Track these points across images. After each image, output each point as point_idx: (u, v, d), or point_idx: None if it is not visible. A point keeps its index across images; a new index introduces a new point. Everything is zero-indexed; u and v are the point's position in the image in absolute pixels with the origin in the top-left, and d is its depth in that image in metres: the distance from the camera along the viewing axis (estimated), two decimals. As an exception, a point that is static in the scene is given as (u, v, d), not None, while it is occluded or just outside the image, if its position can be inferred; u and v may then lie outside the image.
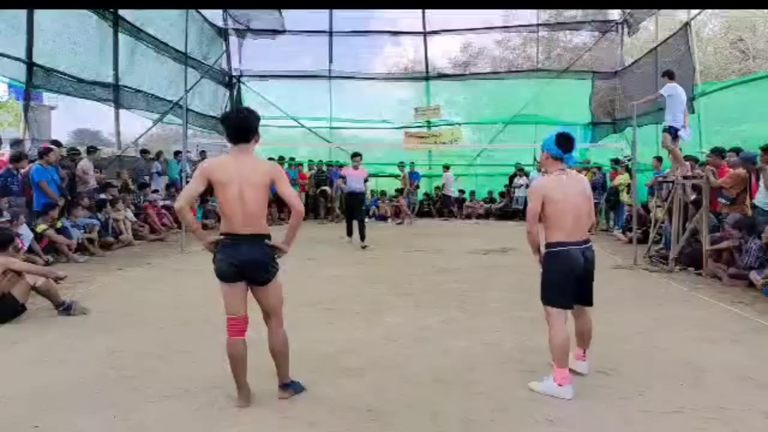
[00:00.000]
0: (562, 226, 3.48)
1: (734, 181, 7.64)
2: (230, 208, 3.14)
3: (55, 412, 3.19)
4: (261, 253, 3.19)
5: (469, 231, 13.39)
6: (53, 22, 10.43)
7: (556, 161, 3.58)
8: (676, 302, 6.01)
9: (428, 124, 18.21)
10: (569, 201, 3.49)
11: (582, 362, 3.79)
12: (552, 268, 3.55)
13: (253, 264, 3.17)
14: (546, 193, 3.49)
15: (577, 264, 3.50)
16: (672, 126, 8.05)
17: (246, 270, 3.17)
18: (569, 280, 3.50)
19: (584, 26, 18.51)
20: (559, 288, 3.53)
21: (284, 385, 3.42)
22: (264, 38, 18.14)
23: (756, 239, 6.73)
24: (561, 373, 3.47)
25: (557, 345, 3.50)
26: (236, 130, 3.22)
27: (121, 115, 12.88)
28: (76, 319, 5.10)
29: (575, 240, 3.51)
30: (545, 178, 3.64)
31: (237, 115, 3.29)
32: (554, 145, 3.54)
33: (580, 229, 3.55)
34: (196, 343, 4.40)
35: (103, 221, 9.39)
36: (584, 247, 3.55)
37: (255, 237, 3.17)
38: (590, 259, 3.58)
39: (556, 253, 3.53)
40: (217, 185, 3.15)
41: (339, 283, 6.69)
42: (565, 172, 3.58)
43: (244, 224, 3.15)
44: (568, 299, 3.54)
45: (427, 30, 18.35)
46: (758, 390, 3.56)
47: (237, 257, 3.13)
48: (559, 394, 3.43)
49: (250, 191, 3.13)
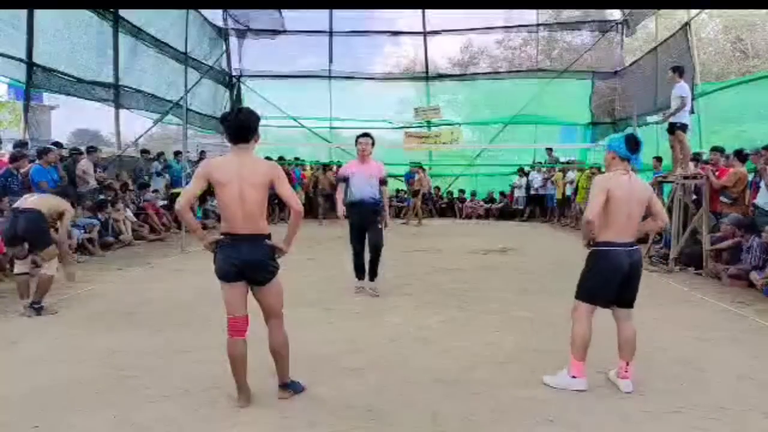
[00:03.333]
0: (614, 225, 3.49)
1: (735, 181, 7.65)
2: (230, 208, 3.15)
3: (55, 412, 3.19)
4: (261, 253, 3.19)
5: (469, 231, 13.40)
6: (53, 22, 10.43)
7: (622, 161, 3.58)
8: (676, 302, 6.01)
9: (428, 124, 18.21)
10: (627, 201, 3.48)
11: (625, 381, 3.57)
12: (596, 265, 3.57)
13: (253, 264, 3.17)
14: (609, 188, 3.48)
15: (621, 265, 3.50)
16: (684, 123, 7.98)
17: (246, 270, 3.18)
18: (610, 281, 3.53)
19: (584, 26, 18.53)
20: (597, 286, 3.57)
21: (284, 385, 3.42)
22: (264, 38, 18.15)
23: (756, 238, 6.73)
24: (577, 365, 3.53)
25: (579, 337, 3.56)
26: (235, 131, 3.22)
27: (121, 115, 12.88)
28: (76, 319, 5.10)
29: (623, 241, 3.51)
30: (608, 174, 3.63)
31: (236, 115, 3.28)
32: (624, 145, 3.56)
33: (630, 230, 3.55)
34: (196, 343, 4.40)
35: (103, 221, 9.39)
36: (631, 249, 3.55)
37: (255, 237, 3.18)
38: (637, 260, 3.58)
39: (604, 252, 3.53)
40: (217, 185, 3.16)
41: (339, 283, 6.69)
42: (629, 174, 3.57)
43: (243, 224, 3.15)
44: (601, 298, 3.59)
45: (427, 30, 18.36)
46: (758, 390, 3.56)
47: (237, 257, 3.14)
48: (573, 386, 3.48)
49: (249, 191, 3.13)
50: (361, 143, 6.11)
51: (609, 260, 3.50)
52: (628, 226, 3.52)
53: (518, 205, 16.38)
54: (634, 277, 3.58)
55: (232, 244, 3.17)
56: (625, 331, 3.67)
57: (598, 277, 3.55)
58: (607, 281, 3.53)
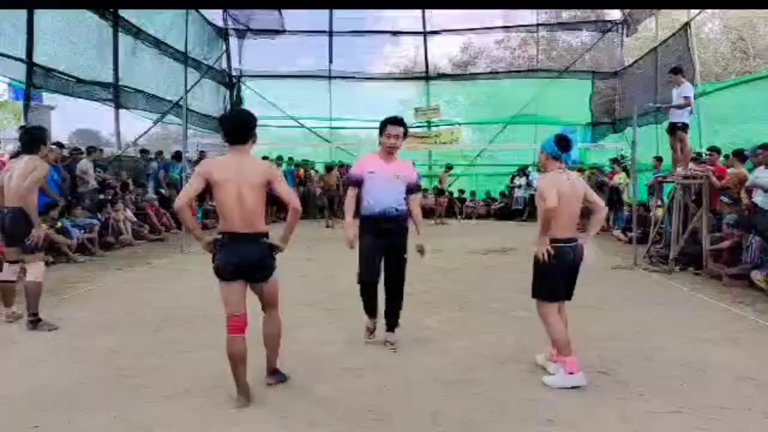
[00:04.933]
0: (558, 223, 3.62)
1: (736, 181, 7.65)
2: (228, 207, 3.18)
3: (55, 412, 3.19)
4: (259, 251, 3.24)
5: (469, 231, 13.39)
6: (53, 22, 10.43)
7: (556, 160, 3.75)
8: (676, 302, 6.01)
9: (428, 124, 18.21)
10: (569, 199, 3.64)
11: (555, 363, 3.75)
12: (549, 263, 3.67)
13: (252, 263, 3.23)
14: (558, 185, 3.60)
15: (567, 261, 3.66)
16: (686, 123, 7.97)
17: (245, 269, 3.22)
18: (561, 275, 3.69)
19: (584, 26, 18.53)
20: (554, 282, 3.70)
21: (273, 372, 3.55)
22: (264, 38, 18.15)
23: (755, 236, 6.74)
24: (570, 361, 3.58)
25: (559, 335, 3.65)
26: (233, 132, 3.27)
27: (121, 115, 12.88)
28: (76, 319, 5.10)
29: (567, 237, 3.67)
30: (550, 174, 3.74)
31: (233, 116, 3.36)
32: (555, 145, 3.72)
33: (572, 226, 3.71)
34: (196, 343, 4.40)
35: (103, 221, 9.39)
36: (573, 245, 3.69)
37: (253, 236, 3.22)
38: (579, 256, 3.72)
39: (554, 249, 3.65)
40: (215, 185, 3.19)
41: (339, 282, 6.69)
42: (565, 172, 3.74)
43: (242, 223, 3.19)
44: (559, 293, 3.74)
45: (427, 30, 18.37)
46: (758, 390, 3.56)
47: (236, 256, 3.18)
48: (573, 382, 3.53)
49: (247, 191, 3.17)
50: (389, 135, 4.17)
51: (559, 257, 3.64)
52: (570, 222, 3.68)
53: (518, 205, 16.38)
54: (575, 271, 3.76)
55: (231, 243, 3.20)
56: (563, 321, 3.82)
57: (552, 274, 3.68)
58: (557, 276, 3.68)
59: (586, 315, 5.34)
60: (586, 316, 5.31)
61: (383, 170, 4.19)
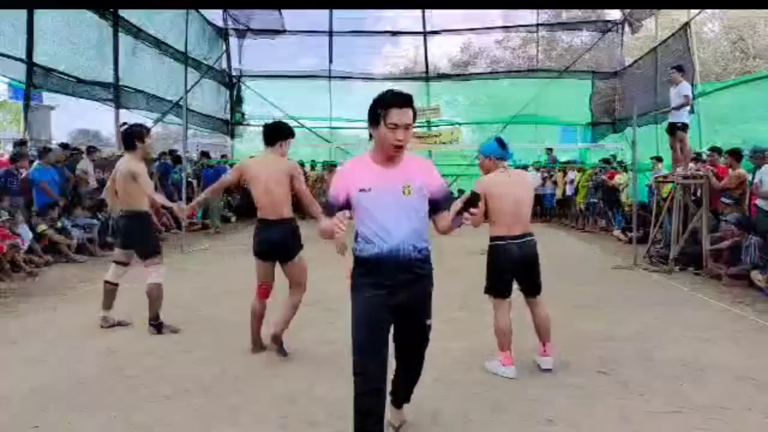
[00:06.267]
0: (502, 221, 3.74)
1: (736, 182, 7.65)
2: (260, 199, 3.94)
3: (55, 412, 3.19)
4: (285, 234, 3.96)
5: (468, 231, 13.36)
6: (53, 22, 10.42)
7: (498, 161, 3.88)
8: (676, 302, 6.01)
9: (428, 124, 18.20)
10: (509, 196, 3.74)
11: (545, 358, 3.89)
12: (492, 261, 3.83)
13: (279, 243, 3.95)
14: (488, 190, 3.71)
15: (513, 257, 3.76)
16: (685, 123, 7.97)
17: (274, 249, 3.97)
18: (506, 273, 3.80)
19: (584, 26, 18.53)
20: (497, 279, 3.83)
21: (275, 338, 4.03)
22: (264, 38, 18.14)
23: (755, 237, 6.74)
24: (503, 355, 3.81)
25: (498, 330, 3.84)
26: (266, 136, 4.05)
27: (121, 115, 12.87)
28: (76, 319, 5.10)
29: (514, 234, 3.76)
30: (488, 176, 3.87)
31: (269, 125, 4.14)
32: (497, 147, 3.88)
33: (520, 223, 3.79)
34: (196, 343, 4.40)
35: (103, 221, 9.39)
36: (521, 241, 3.77)
37: (281, 221, 3.93)
38: (528, 252, 3.80)
39: (495, 247, 3.80)
40: (250, 180, 3.95)
41: (339, 282, 6.68)
42: (507, 171, 3.86)
43: (271, 211, 3.93)
44: (504, 289, 3.84)
45: (427, 30, 18.36)
46: (758, 390, 3.56)
47: (267, 238, 3.94)
48: (503, 373, 3.76)
49: (273, 185, 3.89)
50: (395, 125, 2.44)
51: (500, 254, 3.77)
52: (516, 219, 3.76)
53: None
54: (530, 266, 3.84)
55: (264, 228, 3.95)
56: (537, 317, 3.94)
57: (496, 271, 3.83)
58: (501, 272, 3.81)
59: (586, 315, 5.35)
60: (586, 316, 5.32)
61: (384, 182, 2.49)
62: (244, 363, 3.97)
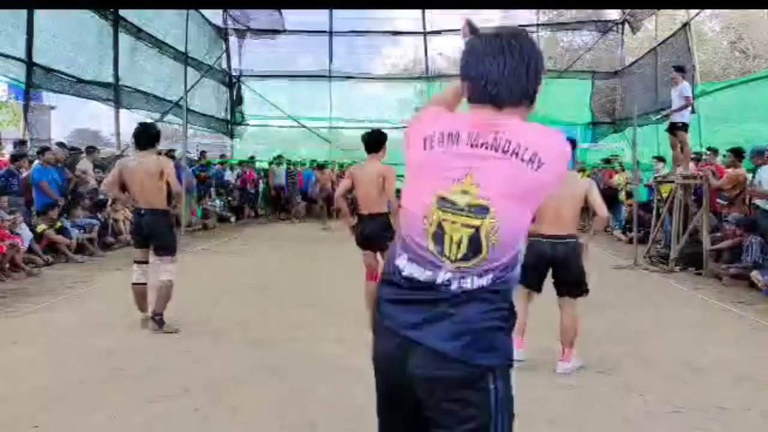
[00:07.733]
0: (542, 219, 3.75)
1: (733, 182, 7.65)
2: (360, 197, 4.70)
3: (55, 411, 3.19)
4: (376, 226, 4.61)
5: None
6: (53, 22, 10.41)
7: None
8: (676, 302, 6.01)
9: (428, 124, 18.17)
10: (554, 199, 3.70)
11: (562, 363, 3.83)
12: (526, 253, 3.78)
13: (371, 235, 4.62)
14: None
15: (540, 254, 3.79)
16: (686, 123, 7.97)
17: (367, 240, 4.67)
18: (530, 267, 3.74)
19: (584, 26, 18.52)
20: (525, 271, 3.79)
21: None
22: (264, 38, 18.14)
23: (756, 236, 6.74)
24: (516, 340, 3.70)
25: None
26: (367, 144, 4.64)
27: (121, 115, 12.86)
28: (76, 319, 5.10)
29: (550, 233, 3.77)
30: None
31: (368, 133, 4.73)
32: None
33: (559, 224, 3.79)
34: (196, 343, 4.40)
35: (102, 221, 9.39)
36: (557, 241, 3.78)
37: (374, 216, 4.64)
38: (561, 253, 3.79)
39: (529, 242, 3.80)
40: (355, 182, 4.70)
41: (340, 282, 6.68)
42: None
43: (365, 208, 4.67)
44: (528, 281, 3.83)
45: (427, 30, 18.35)
46: (758, 390, 3.56)
47: (363, 231, 4.71)
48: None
49: (368, 186, 4.60)
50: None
51: (531, 249, 3.76)
52: (557, 220, 3.78)
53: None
54: (561, 268, 3.83)
55: (361, 221, 4.75)
56: (564, 320, 3.92)
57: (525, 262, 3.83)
58: (529, 266, 3.75)
59: (586, 315, 5.32)
60: (586, 316, 5.30)
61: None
62: (244, 363, 3.97)
